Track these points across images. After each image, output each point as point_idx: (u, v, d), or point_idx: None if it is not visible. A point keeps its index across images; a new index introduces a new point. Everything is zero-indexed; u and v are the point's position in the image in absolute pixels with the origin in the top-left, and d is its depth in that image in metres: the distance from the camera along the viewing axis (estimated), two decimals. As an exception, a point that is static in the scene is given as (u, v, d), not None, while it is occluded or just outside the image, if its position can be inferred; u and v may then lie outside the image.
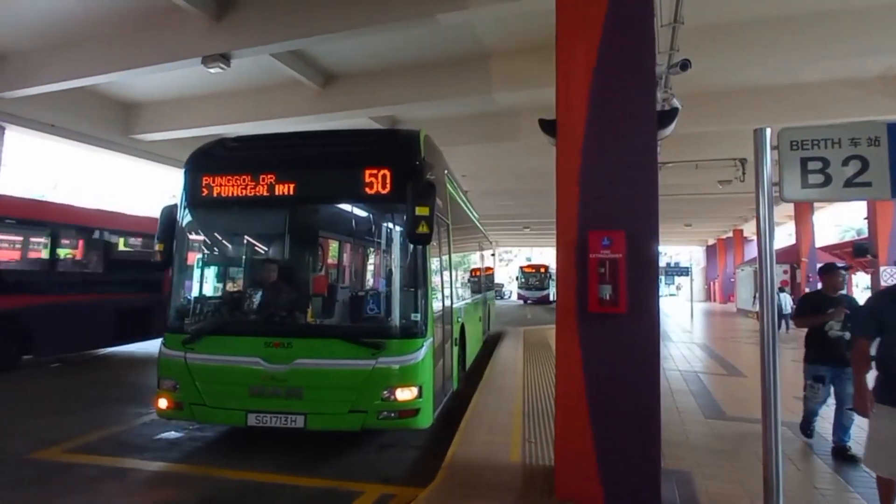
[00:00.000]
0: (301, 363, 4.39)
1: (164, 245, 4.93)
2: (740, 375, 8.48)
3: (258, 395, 4.43)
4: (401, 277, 4.63)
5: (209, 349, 4.60)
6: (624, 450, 3.35)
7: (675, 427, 5.14)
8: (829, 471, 4.13)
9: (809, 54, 8.48)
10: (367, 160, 4.58)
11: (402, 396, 4.34)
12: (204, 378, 4.56)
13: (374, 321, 4.79)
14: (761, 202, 3.36)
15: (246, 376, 4.44)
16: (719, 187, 15.85)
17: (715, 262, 40.57)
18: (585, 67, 3.62)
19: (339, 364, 4.38)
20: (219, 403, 4.54)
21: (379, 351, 4.34)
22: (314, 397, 4.38)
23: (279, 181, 4.68)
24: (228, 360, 4.54)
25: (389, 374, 4.34)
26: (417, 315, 4.55)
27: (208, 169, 4.91)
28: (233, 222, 5.54)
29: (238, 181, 4.75)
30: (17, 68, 10.51)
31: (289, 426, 4.34)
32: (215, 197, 4.81)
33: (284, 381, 4.38)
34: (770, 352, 3.27)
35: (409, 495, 3.69)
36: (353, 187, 4.61)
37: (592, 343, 3.47)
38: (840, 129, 3.33)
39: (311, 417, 4.34)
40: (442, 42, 9.60)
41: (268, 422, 4.36)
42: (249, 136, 5.43)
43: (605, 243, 3.41)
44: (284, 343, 4.46)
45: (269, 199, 4.72)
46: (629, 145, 3.54)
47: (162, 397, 4.68)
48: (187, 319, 4.98)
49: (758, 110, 11.00)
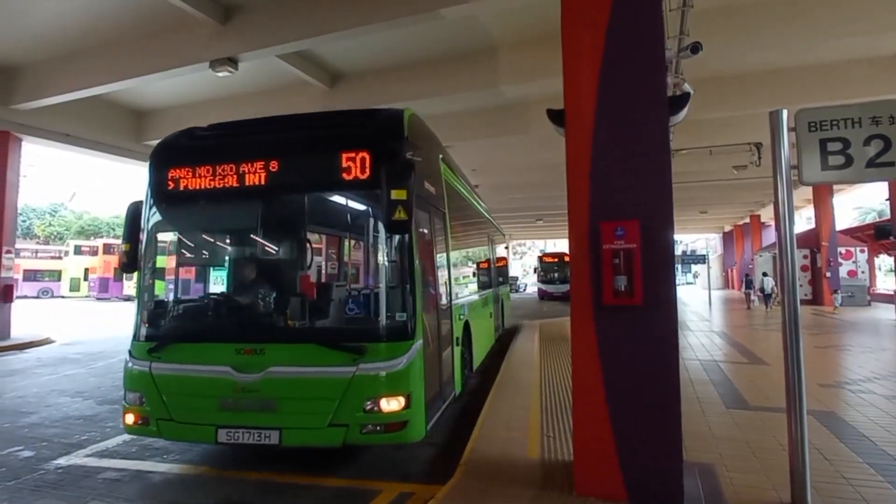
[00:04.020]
0: (274, 372, 3.96)
1: (129, 245, 4.54)
2: (762, 363, 8.33)
3: (229, 409, 4.01)
4: (385, 273, 4.17)
5: (176, 358, 4.20)
6: (644, 443, 3.29)
7: (695, 418, 5.05)
8: (859, 460, 4.02)
9: (823, 33, 8.27)
10: (346, 143, 4.12)
11: (388, 407, 3.87)
12: (170, 390, 4.17)
13: (354, 322, 4.33)
14: (780, 186, 3.29)
15: (215, 387, 4.04)
16: (734, 173, 15.58)
17: (732, 249, 40.02)
18: (593, 55, 3.55)
19: (316, 372, 3.94)
20: (187, 418, 4.12)
21: (360, 356, 3.88)
22: (289, 410, 3.95)
23: (249, 171, 4.24)
24: (196, 369, 4.13)
25: (372, 382, 3.88)
26: (403, 314, 4.06)
27: (174, 160, 4.49)
28: (201, 218, 5.01)
29: (205, 172, 4.32)
30: (32, 80, 10.71)
31: (262, 442, 3.93)
32: (182, 191, 4.39)
33: (257, 392, 3.96)
34: (793, 339, 3.20)
35: (428, 493, 3.67)
36: (331, 173, 4.11)
37: (609, 336, 3.41)
38: (860, 108, 3.24)
39: (287, 432, 3.91)
40: (448, 37, 9.54)
41: (239, 438, 3.94)
42: (221, 123, 4.99)
43: (619, 233, 3.35)
44: (257, 349, 4.04)
45: (239, 191, 4.28)
46: (641, 133, 3.46)
47: (128, 412, 4.31)
48: (154, 326, 4.57)
49: (771, 93, 10.76)
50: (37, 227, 53.42)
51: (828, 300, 20.66)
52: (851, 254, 21.96)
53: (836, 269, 21.26)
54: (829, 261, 21.18)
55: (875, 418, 5.07)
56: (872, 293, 22.66)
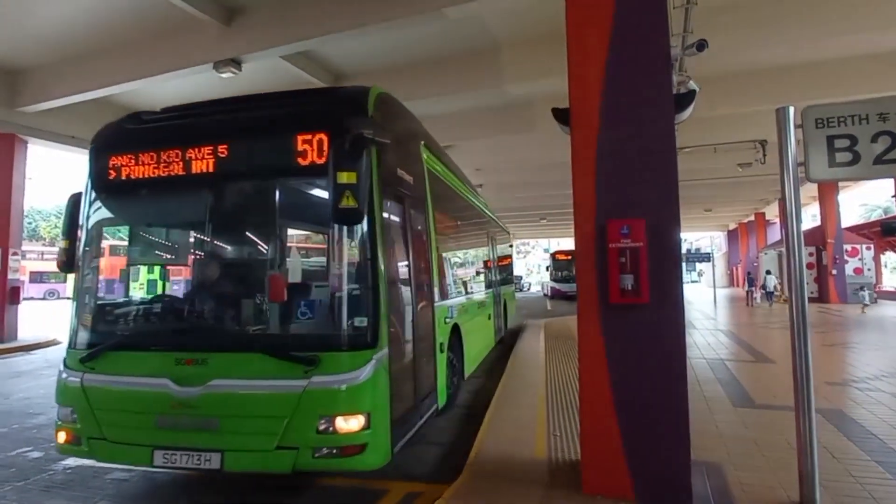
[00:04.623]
0: (216, 385, 3.46)
1: (67, 242, 4.15)
2: (768, 362, 8.30)
3: (167, 427, 3.53)
4: (344, 272, 3.66)
5: (110, 368, 3.71)
6: (652, 442, 3.29)
7: (702, 416, 5.03)
8: (867, 458, 4.00)
9: (828, 29, 8.23)
10: (302, 124, 3.64)
11: (345, 427, 3.34)
12: (103, 405, 3.68)
13: (308, 329, 3.76)
14: (787, 183, 3.27)
15: (151, 403, 3.55)
16: (739, 170, 15.52)
17: (737, 247, 39.90)
18: (598, 53, 3.54)
19: (262, 385, 3.43)
20: (121, 437, 3.63)
21: (312, 368, 3.37)
22: (232, 429, 3.45)
23: (195, 157, 3.78)
24: (131, 381, 3.63)
25: (326, 397, 3.36)
26: (364, 319, 3.52)
27: (113, 147, 4.04)
28: (139, 209, 4.48)
29: (146, 160, 3.87)
30: (37, 82, 10.77)
31: (202, 466, 3.45)
32: (121, 180, 3.94)
33: (197, 409, 3.46)
34: (801, 337, 3.19)
35: (435, 492, 3.66)
36: (285, 158, 3.66)
37: (615, 335, 3.41)
38: (867, 104, 3.23)
39: (230, 456, 3.41)
40: (452, 36, 9.54)
41: (177, 461, 3.47)
42: (172, 106, 4.48)
43: (625, 232, 3.35)
44: (198, 359, 3.56)
45: (182, 180, 3.82)
46: (646, 131, 3.45)
47: (60, 430, 3.82)
48: (89, 332, 4.04)
49: (777, 90, 10.72)
50: (42, 230, 53.73)
51: (833, 297, 20.58)
52: (857, 251, 21.83)
53: (843, 266, 21.15)
54: (835, 258, 21.07)
55: (883, 416, 5.05)
56: (879, 290, 22.54)
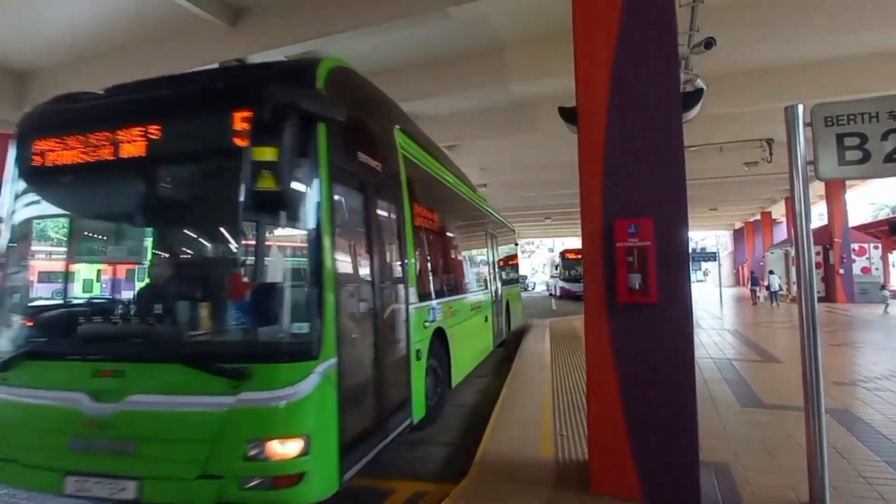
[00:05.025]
0: (133, 402, 3.00)
1: None
2: (775, 361, 8.25)
3: (80, 450, 3.06)
4: (280, 270, 3.27)
5: (22, 380, 3.26)
6: (659, 442, 3.27)
7: (710, 417, 5.01)
8: (876, 459, 3.97)
9: (836, 26, 8.16)
10: (240, 100, 3.19)
11: (279, 453, 2.84)
12: (11, 423, 3.26)
13: (237, 336, 3.31)
14: (796, 182, 3.25)
15: (63, 421, 3.09)
16: (745, 169, 15.44)
17: (743, 246, 39.71)
18: (605, 52, 3.53)
19: (181, 403, 2.97)
20: (32, 460, 3.18)
21: (241, 382, 2.87)
22: (150, 454, 2.98)
23: (122, 140, 3.36)
24: (43, 395, 3.18)
25: (256, 417, 2.88)
26: (304, 325, 3.01)
27: (35, 131, 3.66)
28: (58, 199, 4.05)
29: (69, 145, 3.48)
30: (43, 85, 10.80)
31: (117, 496, 2.98)
32: (41, 166, 3.56)
33: (112, 430, 3.00)
34: (811, 337, 3.17)
35: (442, 492, 3.67)
36: (215, 139, 3.25)
37: (623, 334, 3.39)
38: (878, 102, 3.20)
39: (147, 485, 2.95)
40: (456, 36, 9.51)
41: (90, 490, 3.02)
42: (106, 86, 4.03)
43: (632, 231, 3.34)
44: (116, 371, 3.10)
45: (106, 165, 3.40)
46: (654, 129, 3.44)
47: None
48: (2, 338, 3.60)
49: (785, 88, 10.63)
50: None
51: (841, 297, 20.44)
52: (865, 250, 21.67)
53: (850, 265, 21.01)
54: (843, 258, 20.93)
55: (892, 416, 5.01)
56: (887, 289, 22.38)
